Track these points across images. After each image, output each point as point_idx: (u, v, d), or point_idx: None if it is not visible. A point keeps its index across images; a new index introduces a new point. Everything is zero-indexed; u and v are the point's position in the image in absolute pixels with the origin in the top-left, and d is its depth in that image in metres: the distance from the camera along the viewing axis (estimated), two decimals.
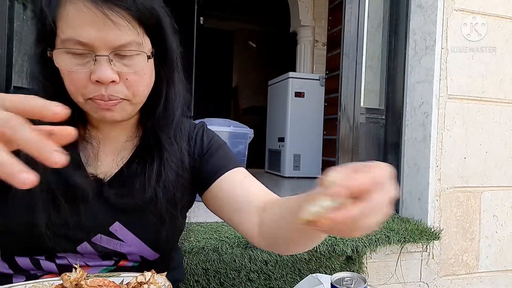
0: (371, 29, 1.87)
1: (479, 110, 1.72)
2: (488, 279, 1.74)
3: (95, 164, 0.67)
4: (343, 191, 0.35)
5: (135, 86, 0.62)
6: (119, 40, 0.58)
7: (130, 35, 0.59)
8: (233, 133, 2.15)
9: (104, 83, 0.58)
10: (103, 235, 0.65)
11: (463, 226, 1.70)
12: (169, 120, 0.69)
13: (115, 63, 0.59)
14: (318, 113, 3.38)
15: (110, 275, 0.59)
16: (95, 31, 0.56)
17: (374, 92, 1.90)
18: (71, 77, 0.59)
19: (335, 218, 0.34)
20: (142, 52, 0.61)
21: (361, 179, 0.36)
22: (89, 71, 0.58)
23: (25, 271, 0.64)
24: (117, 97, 0.60)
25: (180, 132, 0.72)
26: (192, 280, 1.20)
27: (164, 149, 0.69)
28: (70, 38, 0.57)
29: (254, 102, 5.96)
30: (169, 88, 0.69)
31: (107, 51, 0.58)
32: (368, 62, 1.86)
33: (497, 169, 1.75)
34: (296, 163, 3.60)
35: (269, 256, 1.28)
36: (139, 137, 0.71)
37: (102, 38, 0.57)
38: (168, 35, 0.65)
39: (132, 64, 0.60)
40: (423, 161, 1.70)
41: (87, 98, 0.60)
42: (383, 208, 0.36)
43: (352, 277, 0.62)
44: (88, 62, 0.58)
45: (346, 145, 1.81)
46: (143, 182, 0.66)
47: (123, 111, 0.63)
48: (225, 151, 0.76)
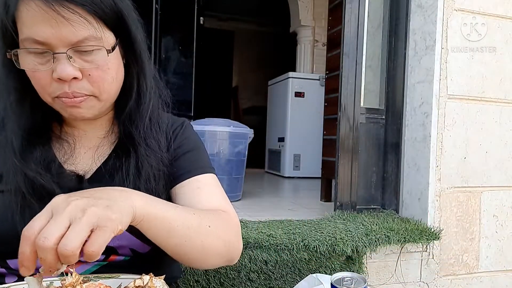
0: (371, 29, 1.87)
1: (479, 110, 1.72)
2: (488, 279, 1.74)
3: (73, 162, 0.67)
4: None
5: (99, 81, 0.61)
6: (75, 36, 0.57)
7: (87, 30, 0.58)
8: (233, 133, 2.15)
9: (66, 81, 0.58)
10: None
11: (463, 226, 1.70)
12: (142, 115, 0.69)
13: (75, 60, 0.58)
14: (318, 113, 3.38)
15: (109, 277, 0.59)
16: (49, 28, 0.56)
17: (374, 92, 1.90)
18: (35, 77, 0.59)
19: None
20: (102, 47, 0.60)
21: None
22: (50, 69, 0.58)
23: (16, 271, 0.63)
24: (81, 94, 0.60)
25: (157, 127, 0.72)
26: (192, 280, 1.20)
27: (138, 144, 0.68)
28: (27, 38, 0.57)
29: (254, 102, 5.97)
30: (140, 82, 0.69)
31: (64, 48, 0.58)
32: (368, 62, 1.86)
33: (497, 169, 1.75)
34: (296, 163, 3.60)
35: (269, 256, 1.28)
36: (116, 133, 0.71)
37: (57, 35, 0.57)
38: (132, 28, 0.65)
39: (93, 60, 0.60)
40: (423, 161, 1.70)
41: (54, 96, 0.60)
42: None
43: (352, 277, 0.62)
44: (48, 60, 0.58)
45: (346, 145, 1.81)
46: (123, 177, 0.66)
47: (92, 108, 0.63)
48: (197, 154, 0.76)
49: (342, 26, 1.83)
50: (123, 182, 0.66)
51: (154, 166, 0.69)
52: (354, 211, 1.80)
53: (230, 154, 2.15)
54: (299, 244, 1.30)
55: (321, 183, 2.34)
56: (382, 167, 1.89)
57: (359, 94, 1.82)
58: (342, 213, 1.74)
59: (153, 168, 0.68)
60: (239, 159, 2.20)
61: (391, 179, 1.87)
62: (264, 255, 1.27)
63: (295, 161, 3.60)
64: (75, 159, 0.68)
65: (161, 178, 0.70)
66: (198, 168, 0.74)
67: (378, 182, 1.88)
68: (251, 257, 1.26)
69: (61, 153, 0.67)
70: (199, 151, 0.77)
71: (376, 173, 1.88)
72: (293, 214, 1.83)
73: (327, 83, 2.38)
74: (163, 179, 0.70)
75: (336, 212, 1.76)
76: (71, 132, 0.69)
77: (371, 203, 1.87)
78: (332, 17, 2.33)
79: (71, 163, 0.67)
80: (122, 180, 0.66)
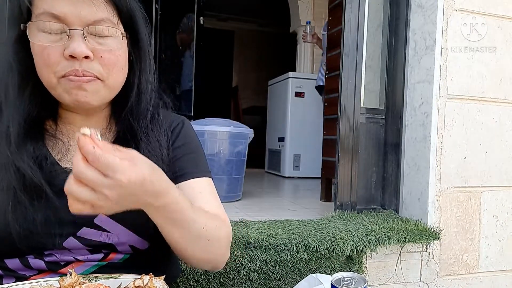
0: (371, 29, 1.87)
1: (479, 110, 1.72)
2: (488, 279, 1.74)
3: (69, 159, 0.67)
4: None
5: (110, 64, 0.62)
6: (93, 16, 0.59)
7: (105, 13, 0.60)
8: (233, 133, 2.15)
9: (77, 58, 0.59)
10: (88, 228, 0.64)
11: (463, 226, 1.70)
12: (143, 111, 0.70)
13: (89, 40, 0.59)
14: (318, 113, 3.38)
15: (109, 277, 0.59)
16: (70, 5, 0.57)
17: (374, 92, 1.90)
18: (44, 54, 0.59)
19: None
20: (117, 29, 0.62)
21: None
22: (62, 46, 0.58)
23: (14, 271, 0.63)
24: (90, 73, 0.60)
25: (157, 125, 0.73)
26: (192, 280, 1.20)
27: (141, 140, 0.69)
28: (44, 12, 0.57)
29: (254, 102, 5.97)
30: (141, 79, 0.70)
31: (81, 26, 0.59)
32: (368, 62, 1.86)
33: (497, 169, 1.75)
34: (296, 163, 3.60)
35: (269, 256, 1.28)
36: (114, 131, 0.71)
37: (77, 13, 0.58)
38: (141, 25, 0.67)
39: (106, 43, 0.61)
40: (423, 161, 1.70)
41: (60, 76, 0.60)
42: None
43: (352, 277, 0.62)
44: (61, 38, 0.59)
45: (346, 145, 1.81)
46: None
47: (97, 93, 0.63)
48: (197, 157, 0.76)
49: (342, 26, 1.83)
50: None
51: (154, 160, 0.68)
52: (354, 211, 1.80)
53: (230, 154, 2.15)
54: (299, 244, 1.30)
55: (321, 183, 2.34)
56: (382, 167, 1.89)
57: (359, 94, 1.82)
58: (342, 213, 1.74)
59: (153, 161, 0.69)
60: (239, 159, 2.20)
61: (391, 179, 1.87)
62: (264, 255, 1.27)
63: (295, 161, 3.60)
64: (70, 157, 0.67)
65: None
66: (199, 171, 0.74)
67: (378, 182, 1.88)
68: (251, 257, 1.26)
69: (55, 151, 0.67)
70: (200, 154, 0.77)
71: (376, 173, 1.88)
72: (293, 214, 1.83)
73: (327, 83, 2.38)
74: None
75: (336, 212, 1.76)
76: (65, 131, 0.69)
77: (371, 203, 1.87)
78: (332, 17, 2.33)
79: (66, 160, 0.67)
80: None
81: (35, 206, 0.61)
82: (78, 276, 0.53)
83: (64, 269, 0.64)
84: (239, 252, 1.25)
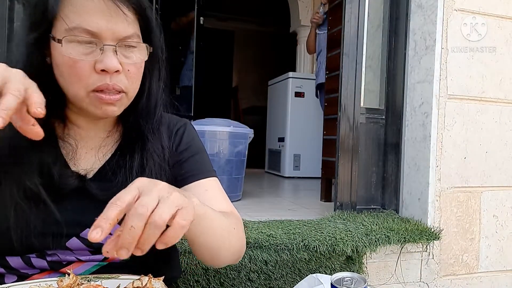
0: (371, 29, 1.87)
1: (479, 110, 1.72)
2: (488, 279, 1.74)
3: (75, 162, 0.67)
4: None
5: (134, 78, 0.64)
6: (125, 31, 0.60)
7: (134, 27, 0.62)
8: (233, 133, 2.15)
9: (109, 73, 0.59)
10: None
11: (463, 226, 1.70)
12: (151, 112, 0.71)
13: (119, 54, 0.60)
14: (318, 113, 3.38)
15: (108, 277, 0.59)
16: (105, 21, 0.58)
17: (374, 92, 1.90)
18: (75, 67, 0.59)
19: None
20: (144, 44, 0.64)
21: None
22: (93, 60, 0.59)
23: (16, 270, 0.64)
24: (119, 87, 0.61)
25: (164, 128, 0.74)
26: (192, 280, 1.20)
27: (147, 140, 0.70)
28: (78, 26, 0.58)
29: (254, 102, 5.97)
30: (152, 84, 0.71)
31: (113, 41, 0.60)
32: (368, 62, 1.86)
33: (497, 169, 1.75)
34: (296, 163, 3.60)
35: (269, 256, 1.28)
36: (119, 132, 0.72)
37: (111, 28, 0.59)
38: (157, 33, 0.68)
39: (132, 57, 0.62)
40: (423, 161, 1.70)
41: (91, 90, 0.60)
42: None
43: (352, 277, 0.62)
44: (92, 51, 0.59)
45: (346, 145, 1.81)
46: (126, 174, 0.67)
47: (122, 105, 0.64)
48: (200, 157, 0.76)
49: (342, 26, 1.83)
50: (125, 180, 0.66)
51: (158, 164, 0.70)
52: (354, 211, 1.80)
53: (230, 154, 2.15)
54: (299, 244, 1.30)
55: (321, 183, 2.34)
56: (382, 167, 1.89)
57: (359, 94, 1.82)
58: (342, 213, 1.74)
59: (156, 166, 0.69)
60: (239, 159, 2.20)
61: (391, 179, 1.87)
62: (264, 255, 1.27)
63: (295, 161, 3.60)
64: (77, 160, 0.68)
65: (163, 178, 0.70)
66: (205, 171, 0.75)
67: (378, 182, 1.88)
68: (251, 257, 1.26)
69: (63, 153, 0.67)
70: (203, 154, 0.78)
71: (376, 173, 1.88)
72: (293, 214, 1.83)
73: (327, 83, 2.38)
74: (164, 178, 0.70)
75: (336, 212, 1.76)
76: (73, 133, 0.69)
77: (371, 203, 1.87)
78: (332, 17, 2.33)
79: (74, 163, 0.67)
80: (125, 178, 0.66)
81: (40, 209, 0.61)
82: (76, 277, 0.53)
83: (65, 268, 0.64)
84: None
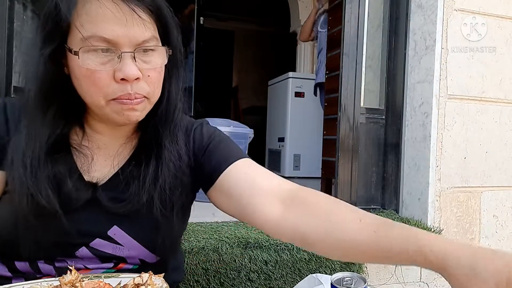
0: (371, 29, 1.87)
1: (479, 110, 1.72)
2: None
3: (90, 171, 0.65)
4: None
5: (155, 83, 0.61)
6: (142, 36, 0.57)
7: (151, 30, 0.59)
8: (233, 133, 2.15)
9: (129, 81, 0.57)
10: (101, 239, 0.64)
11: (463, 226, 1.70)
12: (170, 116, 0.68)
13: (138, 60, 0.58)
14: (318, 113, 3.38)
15: (109, 276, 0.59)
16: (121, 27, 0.55)
17: (374, 92, 1.90)
18: (93, 78, 0.56)
19: None
20: (162, 47, 0.61)
21: None
22: (113, 69, 0.56)
23: (24, 273, 0.64)
24: (141, 95, 0.59)
25: (179, 130, 0.70)
26: (192, 280, 1.20)
27: (164, 147, 0.67)
28: (93, 35, 0.55)
29: (254, 102, 5.96)
30: (172, 86, 0.68)
31: (131, 47, 0.57)
32: (368, 62, 1.86)
33: (497, 169, 1.75)
34: (296, 163, 3.60)
35: (269, 256, 1.28)
36: (137, 139, 0.69)
37: (128, 34, 0.56)
38: (174, 35, 0.65)
39: (151, 61, 0.60)
40: (423, 161, 1.70)
41: (111, 99, 0.58)
42: None
43: (352, 277, 0.62)
44: (110, 60, 0.56)
45: (346, 145, 1.81)
46: (138, 185, 0.64)
47: (144, 110, 0.62)
48: (227, 145, 0.72)
49: (342, 26, 1.83)
50: (138, 192, 0.64)
51: (173, 175, 0.67)
52: None
53: None
54: None
55: (321, 183, 2.34)
56: (382, 167, 1.89)
57: (359, 94, 1.82)
58: None
59: (171, 177, 0.66)
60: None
61: (391, 179, 1.87)
62: (264, 255, 1.27)
63: (295, 161, 3.59)
64: (92, 169, 0.65)
65: (177, 187, 0.67)
66: (237, 153, 0.70)
67: (378, 182, 1.88)
68: (251, 257, 1.26)
69: (78, 164, 0.65)
70: (230, 142, 0.74)
71: (376, 173, 1.88)
72: None
73: (327, 83, 2.38)
74: (179, 189, 0.68)
75: None
76: (90, 143, 0.66)
77: (371, 203, 1.87)
78: (332, 17, 2.33)
79: (88, 174, 0.65)
80: (138, 189, 0.64)
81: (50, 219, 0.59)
82: (77, 273, 0.53)
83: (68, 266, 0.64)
84: (239, 252, 1.25)
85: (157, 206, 0.64)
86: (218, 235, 1.31)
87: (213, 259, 1.22)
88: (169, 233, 0.68)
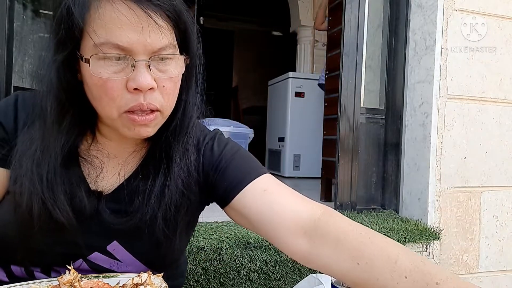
0: (371, 29, 1.87)
1: (479, 110, 1.72)
2: (488, 279, 1.74)
3: (98, 177, 0.63)
4: None
5: (170, 94, 0.57)
6: (158, 43, 0.54)
7: (168, 37, 0.55)
8: (233, 133, 2.15)
9: (142, 91, 0.53)
10: (100, 253, 0.62)
11: (463, 226, 1.70)
12: (184, 128, 0.64)
13: (152, 69, 0.54)
14: (318, 113, 3.38)
15: (108, 276, 0.59)
16: (136, 34, 0.52)
17: (374, 92, 1.90)
18: (106, 87, 0.53)
19: None
20: (179, 55, 0.57)
21: None
22: (126, 78, 0.53)
23: (20, 279, 0.62)
24: (154, 106, 0.55)
25: (191, 144, 0.66)
26: (192, 280, 1.20)
27: (175, 162, 0.63)
28: (107, 42, 0.52)
29: (254, 102, 5.96)
30: (188, 97, 0.64)
31: (146, 55, 0.53)
32: (368, 62, 1.86)
33: (497, 169, 1.75)
34: (296, 163, 3.60)
35: (269, 256, 1.28)
36: (146, 149, 0.66)
37: (143, 41, 0.52)
38: (194, 40, 0.62)
39: (167, 70, 0.56)
40: (423, 161, 1.70)
41: (124, 111, 0.54)
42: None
43: None
44: (123, 68, 0.53)
45: (346, 145, 1.81)
46: (143, 200, 0.61)
47: (156, 125, 0.58)
48: (241, 159, 0.67)
49: (342, 26, 1.83)
50: (141, 208, 0.61)
51: (180, 192, 0.63)
52: (354, 211, 1.80)
53: None
54: None
55: (321, 183, 2.34)
56: (382, 167, 1.89)
57: (359, 94, 1.82)
58: (342, 213, 1.72)
59: (179, 192, 0.63)
60: None
61: (391, 179, 1.87)
62: (264, 255, 1.27)
63: (295, 161, 3.59)
64: (99, 179, 0.63)
65: (184, 206, 0.64)
66: (252, 172, 0.65)
67: (378, 182, 1.88)
68: (251, 257, 1.26)
69: (85, 174, 0.63)
70: (244, 157, 0.69)
71: (376, 173, 1.88)
72: None
73: (327, 83, 2.38)
74: (185, 206, 0.64)
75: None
76: (99, 152, 0.64)
77: (371, 203, 1.87)
78: (332, 17, 2.33)
79: (94, 183, 0.63)
80: (142, 204, 0.61)
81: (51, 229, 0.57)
82: (76, 273, 0.53)
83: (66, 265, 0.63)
84: (239, 252, 1.25)
85: (160, 225, 0.61)
86: (218, 235, 1.31)
87: (213, 259, 1.22)
88: (171, 252, 0.67)
